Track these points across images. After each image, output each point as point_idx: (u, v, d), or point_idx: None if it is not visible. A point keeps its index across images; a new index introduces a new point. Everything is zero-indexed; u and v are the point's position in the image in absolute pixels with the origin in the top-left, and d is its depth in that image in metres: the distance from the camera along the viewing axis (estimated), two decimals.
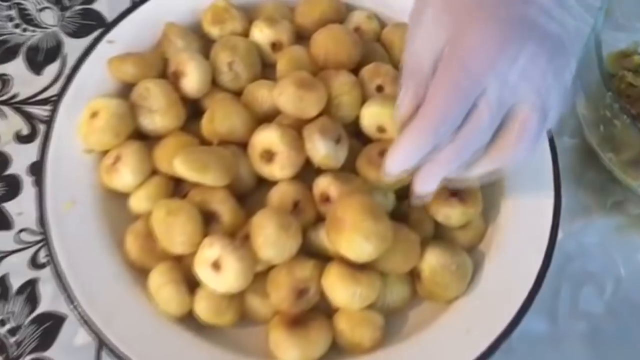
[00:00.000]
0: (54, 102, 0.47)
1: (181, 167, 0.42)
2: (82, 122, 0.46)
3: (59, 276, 0.42)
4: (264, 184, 0.46)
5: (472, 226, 0.47)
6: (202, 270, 0.41)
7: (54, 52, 0.55)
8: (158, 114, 0.46)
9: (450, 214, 0.45)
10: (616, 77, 0.53)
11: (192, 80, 0.47)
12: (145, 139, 0.47)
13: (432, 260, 0.44)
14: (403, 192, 0.47)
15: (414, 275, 0.45)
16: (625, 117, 0.45)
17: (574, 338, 0.47)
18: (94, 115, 0.45)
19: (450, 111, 0.35)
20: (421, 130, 0.36)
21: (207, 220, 0.44)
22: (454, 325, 0.43)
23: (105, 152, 0.46)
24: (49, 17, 0.57)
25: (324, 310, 0.43)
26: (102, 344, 0.41)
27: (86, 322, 0.41)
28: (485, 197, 0.47)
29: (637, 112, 0.51)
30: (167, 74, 0.48)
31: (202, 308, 0.42)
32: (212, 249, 0.41)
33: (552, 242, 0.45)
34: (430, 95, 0.35)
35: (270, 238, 0.41)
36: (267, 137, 0.44)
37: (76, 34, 0.56)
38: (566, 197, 0.50)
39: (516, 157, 0.37)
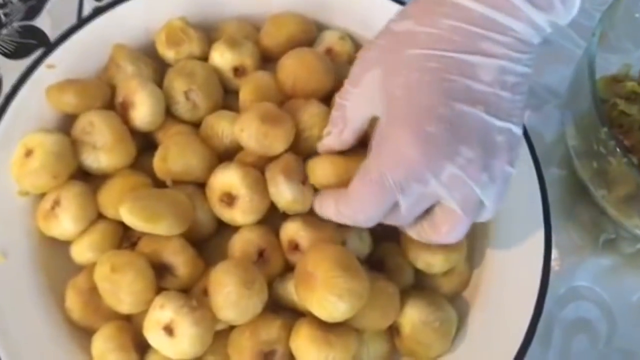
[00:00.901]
0: None
1: (128, 216, 0.37)
2: (15, 161, 0.40)
3: None
4: (225, 226, 0.41)
5: (455, 272, 0.43)
6: (153, 334, 0.36)
7: None
8: (103, 151, 0.41)
9: (432, 261, 0.41)
10: (607, 104, 0.49)
11: (143, 112, 0.42)
12: (89, 177, 0.42)
13: (413, 316, 0.39)
14: (380, 234, 0.43)
15: (393, 330, 0.41)
16: (622, 155, 0.41)
17: None
18: (28, 153, 0.40)
19: (367, 211, 0.36)
20: (342, 216, 0.37)
21: (160, 273, 0.39)
22: None
23: (42, 195, 0.40)
24: None
25: None
26: None
27: None
28: (470, 238, 0.43)
29: (631, 143, 0.47)
30: (115, 104, 0.43)
31: None
32: (164, 311, 0.36)
33: (543, 290, 0.41)
34: (351, 191, 0.36)
35: (231, 297, 0.36)
36: (228, 179, 0.39)
37: (15, 54, 0.50)
38: (556, 233, 0.46)
39: (442, 240, 0.37)
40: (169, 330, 0.35)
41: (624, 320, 0.46)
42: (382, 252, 0.43)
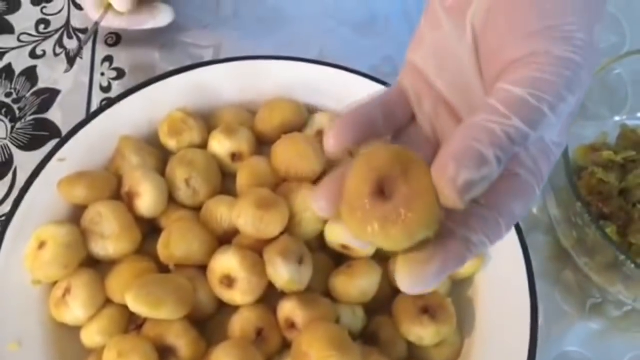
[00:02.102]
0: (1, 226, 0.44)
1: (134, 304, 0.40)
2: (29, 253, 0.43)
3: None
4: (225, 306, 0.44)
5: (447, 343, 0.45)
6: None
7: (3, 167, 0.52)
8: (111, 240, 0.44)
9: (423, 334, 0.43)
10: (586, 172, 0.52)
11: (147, 201, 0.45)
12: (98, 263, 0.44)
13: None
14: (372, 307, 0.45)
15: None
16: (597, 228, 0.43)
17: None
18: (41, 245, 0.43)
19: None
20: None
21: (164, 355, 0.41)
22: None
23: (54, 283, 0.43)
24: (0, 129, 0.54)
25: None
26: None
27: None
28: (459, 309, 0.45)
29: (610, 210, 0.50)
30: (121, 194, 0.46)
31: None
32: None
33: (532, 356, 0.43)
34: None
35: None
36: (227, 263, 0.42)
37: (28, 146, 0.53)
38: (543, 300, 0.48)
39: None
40: None
41: None
42: (375, 326, 0.45)
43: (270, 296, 0.44)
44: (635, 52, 0.52)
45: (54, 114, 0.55)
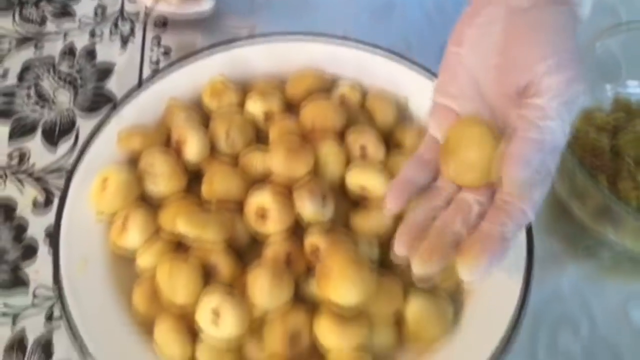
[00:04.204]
0: (69, 171, 0.52)
1: (183, 225, 0.47)
2: (94, 188, 0.50)
3: (71, 329, 0.46)
4: (259, 241, 0.51)
5: (451, 274, 0.50)
6: (202, 318, 0.45)
7: (68, 128, 0.61)
8: (162, 180, 0.51)
9: None
10: (582, 133, 0.58)
11: (193, 148, 0.52)
12: (150, 202, 0.52)
13: (415, 306, 0.47)
14: (387, 242, 0.51)
15: (398, 321, 0.49)
16: (586, 174, 0.49)
17: None
18: (104, 182, 0.50)
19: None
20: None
21: (207, 274, 0.48)
22: None
23: (114, 215, 0.51)
24: (64, 96, 0.63)
25: (316, 355, 0.47)
26: None
27: None
28: None
29: (601, 163, 0.56)
30: (171, 143, 0.54)
31: (204, 356, 0.46)
32: (211, 298, 0.45)
33: (526, 285, 0.49)
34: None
35: (265, 288, 0.45)
36: (261, 198, 0.49)
37: (89, 111, 0.62)
38: (540, 248, 0.54)
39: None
40: (216, 314, 0.45)
41: (604, 316, 0.52)
42: (388, 258, 0.51)
43: (298, 231, 0.51)
44: (629, 24, 0.59)
45: (111, 84, 0.63)
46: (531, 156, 0.36)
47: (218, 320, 0.44)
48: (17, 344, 0.49)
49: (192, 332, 0.46)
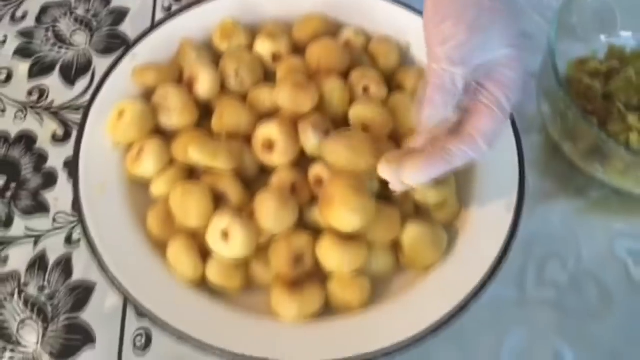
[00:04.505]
0: (87, 104, 0.55)
1: (195, 153, 0.50)
2: (111, 119, 0.53)
3: (91, 248, 0.49)
4: (265, 173, 0.54)
5: (447, 206, 0.54)
6: (212, 238, 0.48)
7: (84, 67, 0.63)
8: (175, 113, 0.54)
9: (428, 193, 0.52)
10: (575, 81, 0.61)
11: (204, 85, 0.55)
12: (164, 134, 0.55)
13: (412, 232, 0.51)
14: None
15: (396, 247, 0.52)
16: (575, 108, 0.52)
17: (540, 304, 0.53)
18: (120, 113, 0.53)
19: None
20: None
21: (217, 201, 0.51)
22: (431, 288, 0.50)
23: (129, 146, 0.54)
24: (81, 37, 0.65)
25: (318, 276, 0.50)
26: (127, 303, 0.48)
27: (115, 285, 0.48)
28: (460, 183, 0.55)
29: (593, 108, 0.58)
30: (183, 80, 0.56)
31: (213, 273, 0.49)
32: (222, 220, 0.48)
33: (516, 218, 0.52)
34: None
35: (271, 211, 0.48)
36: (268, 130, 0.52)
37: (104, 52, 0.64)
38: (532, 185, 0.57)
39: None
40: (225, 234, 0.48)
41: (590, 251, 0.55)
42: (388, 191, 0.54)
43: (303, 164, 0.54)
44: None
45: (125, 27, 0.66)
46: (433, 96, 0.43)
47: (227, 241, 0.48)
48: (39, 263, 0.53)
49: (202, 253, 0.50)
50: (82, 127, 0.55)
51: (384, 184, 0.53)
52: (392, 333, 0.47)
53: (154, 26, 0.61)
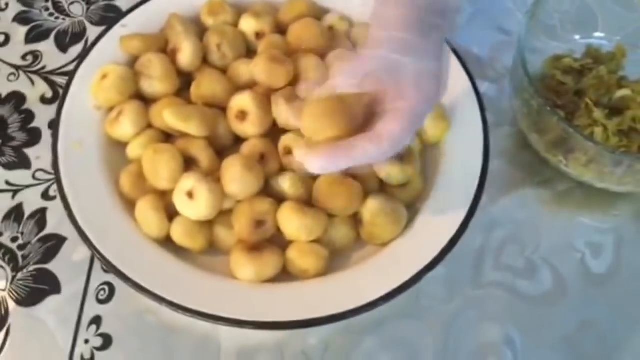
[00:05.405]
0: (74, 67, 0.58)
1: (169, 117, 0.52)
2: (94, 82, 0.56)
3: (64, 201, 0.51)
4: (239, 143, 0.56)
5: (411, 185, 0.55)
6: (178, 198, 0.50)
7: (79, 36, 0.66)
8: (156, 80, 0.56)
9: (391, 172, 0.54)
10: (548, 77, 0.62)
11: (186, 55, 0.57)
12: (144, 100, 0.57)
13: (372, 206, 0.52)
14: None
15: (357, 221, 0.54)
16: (538, 99, 0.54)
17: (495, 286, 0.54)
18: (104, 76, 0.56)
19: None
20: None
21: (188, 165, 0.53)
22: (387, 259, 0.52)
23: (110, 109, 0.56)
24: (77, 9, 0.68)
25: (279, 244, 0.52)
26: (95, 257, 0.50)
27: (84, 239, 0.50)
28: (425, 164, 0.57)
29: (562, 103, 0.60)
30: (167, 51, 0.59)
31: (178, 232, 0.51)
32: (188, 180, 0.50)
33: (477, 199, 0.53)
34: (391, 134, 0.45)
35: (236, 175, 0.50)
36: (242, 100, 0.54)
37: (98, 23, 0.67)
38: (499, 174, 0.59)
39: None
40: (190, 195, 0.50)
41: (549, 240, 0.57)
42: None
43: (274, 136, 0.56)
44: None
45: (121, 1, 0.69)
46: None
47: (192, 201, 0.50)
48: (15, 214, 0.55)
49: (170, 214, 0.52)
50: (67, 87, 0.57)
51: None
52: (343, 300, 0.49)
53: (145, 0, 0.63)
